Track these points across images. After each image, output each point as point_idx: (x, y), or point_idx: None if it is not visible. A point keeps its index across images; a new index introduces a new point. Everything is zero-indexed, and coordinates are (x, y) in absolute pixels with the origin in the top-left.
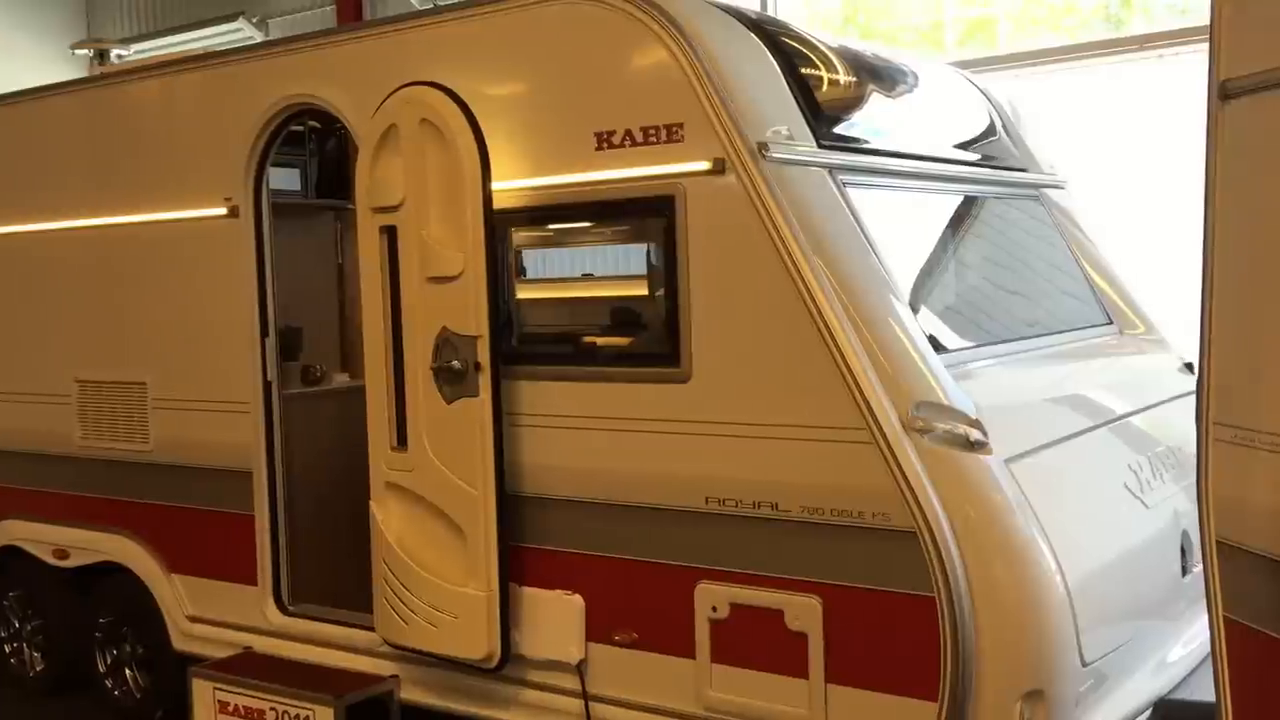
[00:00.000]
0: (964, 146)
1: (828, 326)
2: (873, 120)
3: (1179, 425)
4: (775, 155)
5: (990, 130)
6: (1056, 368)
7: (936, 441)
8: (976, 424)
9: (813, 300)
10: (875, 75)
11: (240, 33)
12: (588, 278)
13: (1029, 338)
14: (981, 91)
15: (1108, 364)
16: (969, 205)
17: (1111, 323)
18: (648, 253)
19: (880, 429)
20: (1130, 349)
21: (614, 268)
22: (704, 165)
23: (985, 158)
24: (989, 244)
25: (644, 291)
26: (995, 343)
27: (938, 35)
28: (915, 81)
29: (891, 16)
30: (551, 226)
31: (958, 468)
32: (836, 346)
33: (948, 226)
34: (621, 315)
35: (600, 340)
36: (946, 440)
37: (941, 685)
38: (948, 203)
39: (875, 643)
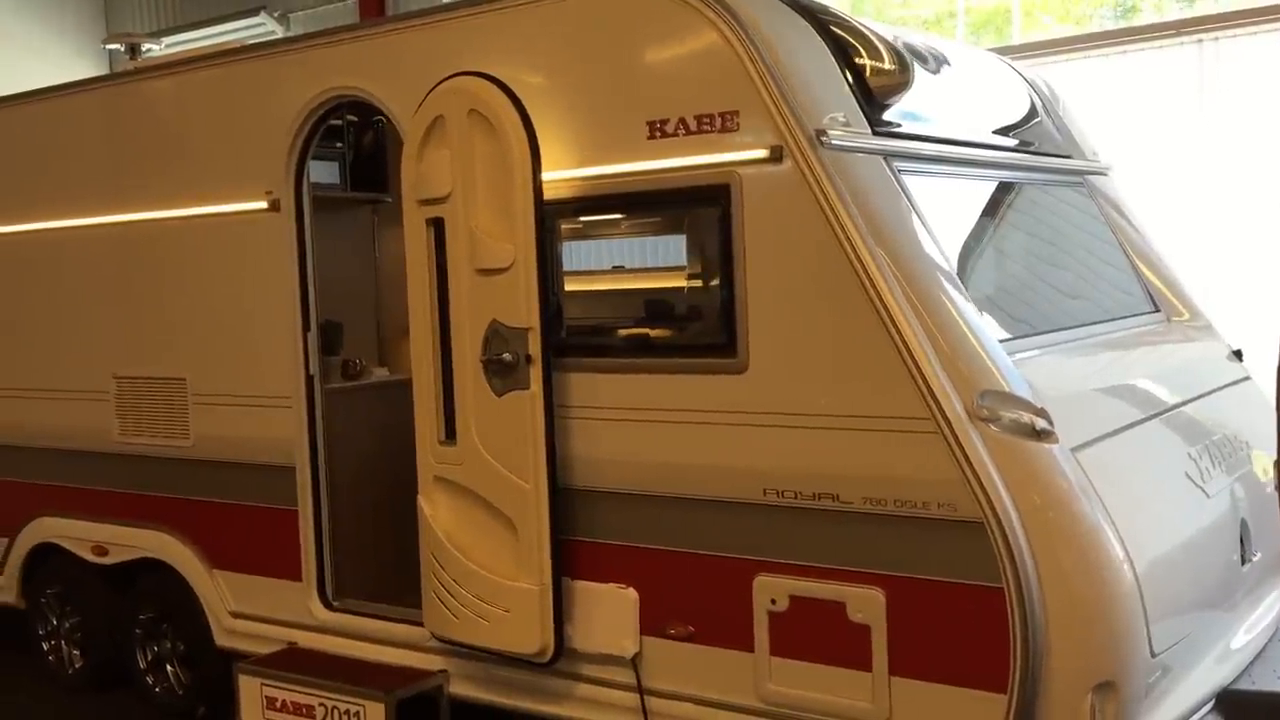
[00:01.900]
0: (1010, 133)
1: (890, 316)
2: (923, 106)
3: (1232, 413)
4: (833, 142)
5: (1035, 116)
6: (1109, 356)
7: (1002, 431)
8: (1042, 413)
9: (874, 289)
10: (922, 61)
11: (262, 27)
12: (640, 268)
13: (1079, 326)
14: (1024, 78)
15: (1158, 352)
16: (1017, 192)
17: (1158, 310)
18: (702, 243)
19: (945, 419)
20: (1178, 336)
21: (667, 258)
22: (760, 153)
23: (1031, 144)
24: (1037, 231)
25: (699, 282)
26: (1046, 331)
27: (947, 26)
28: (960, 67)
29: (905, 5)
30: (603, 217)
31: (1024, 457)
32: (900, 336)
33: (996, 214)
34: (675, 306)
35: (654, 331)
36: (1012, 429)
37: (1011, 677)
38: (996, 190)
39: (941, 634)
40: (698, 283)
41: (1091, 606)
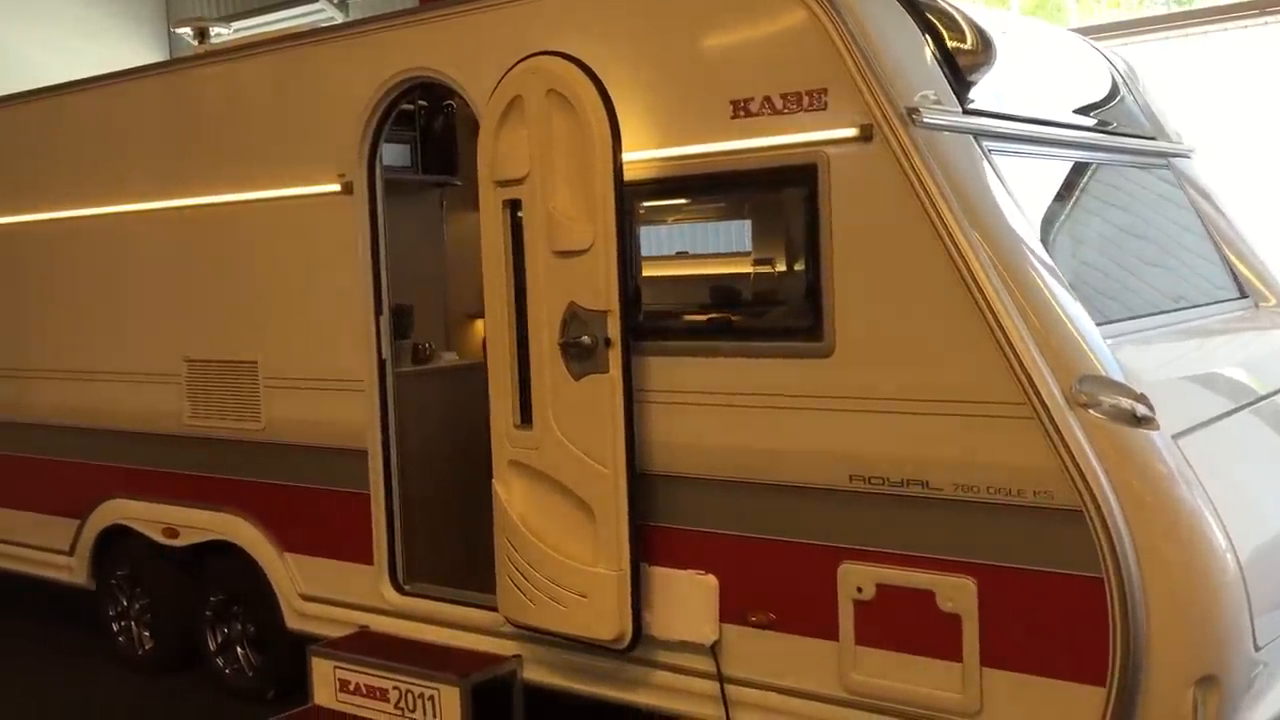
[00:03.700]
0: (1094, 112)
1: (985, 298)
2: (1009, 86)
3: None
4: (925, 121)
5: (1119, 97)
6: (1200, 342)
7: (1102, 416)
8: (1142, 398)
9: (969, 271)
10: (1006, 39)
11: (322, 13)
12: (722, 250)
13: (1167, 311)
14: (1106, 58)
15: (1249, 338)
16: (1102, 173)
17: (1246, 296)
18: (787, 224)
19: (1043, 404)
20: (1266, 323)
21: (750, 240)
22: (850, 132)
23: (1116, 124)
24: (1122, 214)
25: (783, 264)
26: (1136, 316)
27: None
28: (1044, 47)
29: None
30: (684, 198)
31: (1125, 444)
32: (995, 319)
33: (1082, 195)
34: (759, 288)
35: (735, 314)
36: (1112, 415)
37: (1110, 670)
38: (1081, 171)
39: (1036, 625)
40: (782, 265)
41: (1195, 597)
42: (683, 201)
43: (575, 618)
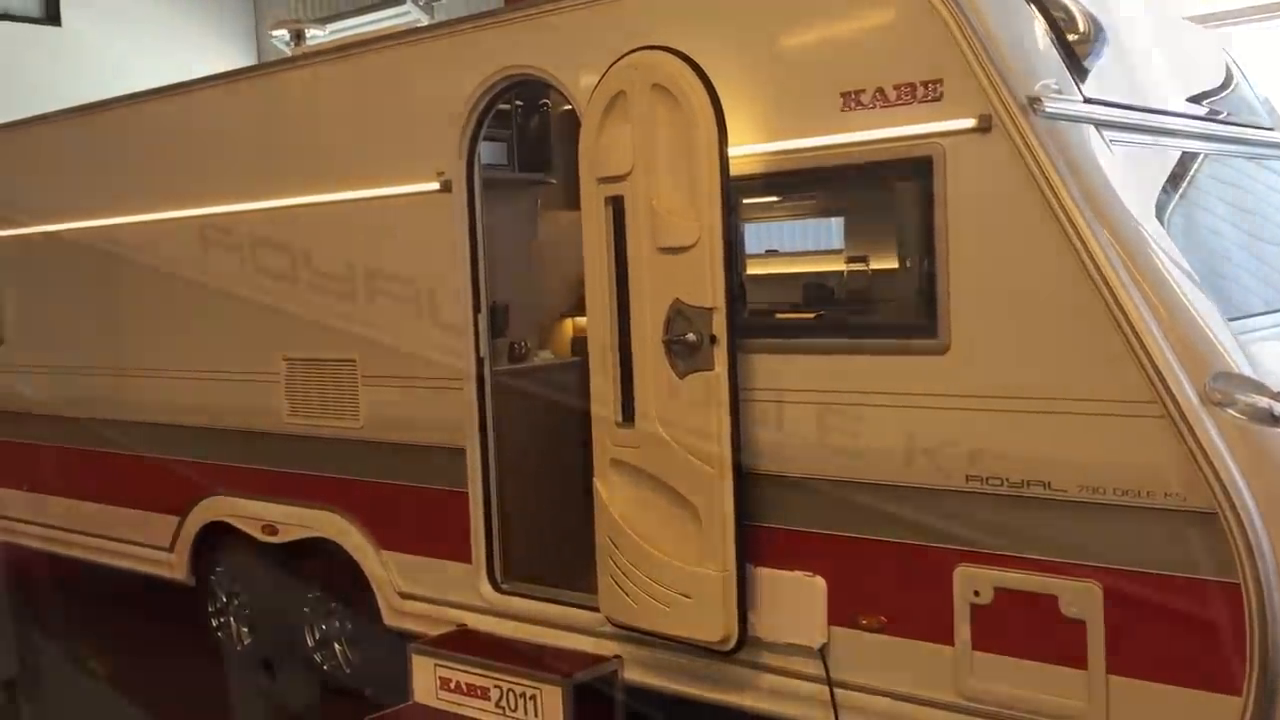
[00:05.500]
0: (1212, 102)
1: (1113, 294)
2: (1127, 73)
3: None
4: (1048, 110)
5: (1236, 86)
6: None
7: (1238, 415)
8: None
9: (1095, 266)
10: (1120, 25)
11: (408, 16)
12: (830, 246)
13: None
14: (1221, 46)
15: None
16: (1220, 165)
17: None
18: (901, 218)
19: (1175, 402)
20: None
21: (861, 235)
22: (968, 123)
23: (1234, 114)
24: (1241, 207)
25: (895, 260)
26: (1260, 314)
27: None
28: (1158, 33)
29: None
30: (792, 193)
31: (1262, 444)
32: (1124, 315)
33: (1200, 187)
34: (869, 284)
35: (845, 310)
36: (1249, 414)
37: (1247, 679)
38: (1200, 162)
39: (1166, 632)
40: (893, 260)
41: None
42: (790, 196)
43: (680, 619)
